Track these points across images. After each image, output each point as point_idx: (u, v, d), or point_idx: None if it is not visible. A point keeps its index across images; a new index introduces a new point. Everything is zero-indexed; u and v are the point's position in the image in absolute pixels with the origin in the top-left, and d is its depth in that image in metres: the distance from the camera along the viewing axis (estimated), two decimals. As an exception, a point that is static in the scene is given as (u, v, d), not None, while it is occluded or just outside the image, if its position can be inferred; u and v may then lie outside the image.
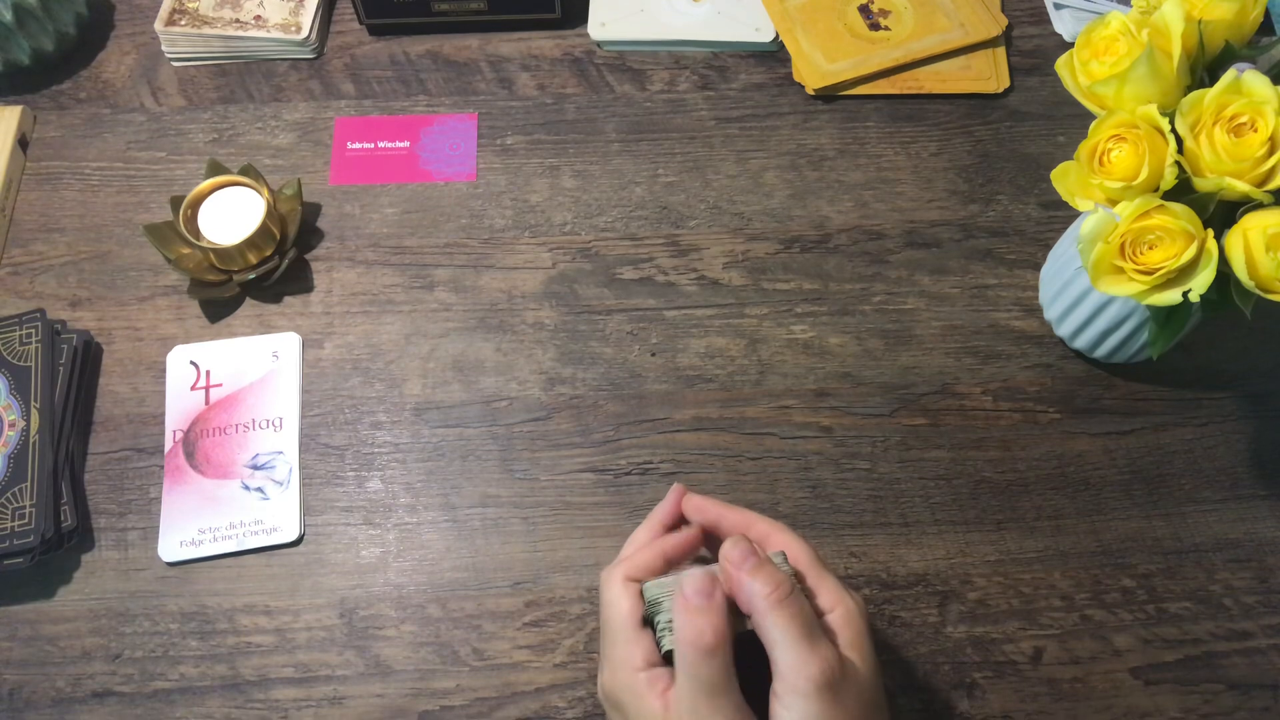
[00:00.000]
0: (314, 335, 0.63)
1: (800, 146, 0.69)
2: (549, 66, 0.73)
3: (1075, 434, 0.59)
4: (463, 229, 0.66)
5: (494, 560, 0.56)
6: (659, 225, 0.66)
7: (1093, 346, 0.59)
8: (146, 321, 0.64)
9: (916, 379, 0.61)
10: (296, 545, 0.57)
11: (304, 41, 0.72)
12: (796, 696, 0.38)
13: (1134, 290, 0.45)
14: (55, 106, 0.71)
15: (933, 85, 0.71)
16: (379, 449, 0.60)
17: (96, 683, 0.53)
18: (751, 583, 0.40)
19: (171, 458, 0.59)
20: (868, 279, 0.64)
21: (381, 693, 0.53)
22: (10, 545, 0.54)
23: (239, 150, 0.69)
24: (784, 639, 0.38)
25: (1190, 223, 0.44)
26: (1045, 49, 0.73)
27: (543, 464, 0.59)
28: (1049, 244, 0.65)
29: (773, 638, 0.39)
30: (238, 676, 0.53)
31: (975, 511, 0.57)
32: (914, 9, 0.73)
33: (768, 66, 0.72)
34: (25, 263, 0.65)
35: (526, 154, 0.69)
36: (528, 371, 0.62)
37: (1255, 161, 0.42)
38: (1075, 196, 0.48)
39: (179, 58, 0.73)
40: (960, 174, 0.68)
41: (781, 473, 0.58)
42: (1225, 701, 0.52)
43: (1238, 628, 0.54)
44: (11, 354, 0.60)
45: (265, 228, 0.62)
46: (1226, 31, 0.46)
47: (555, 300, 0.64)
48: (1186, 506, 0.57)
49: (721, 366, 0.61)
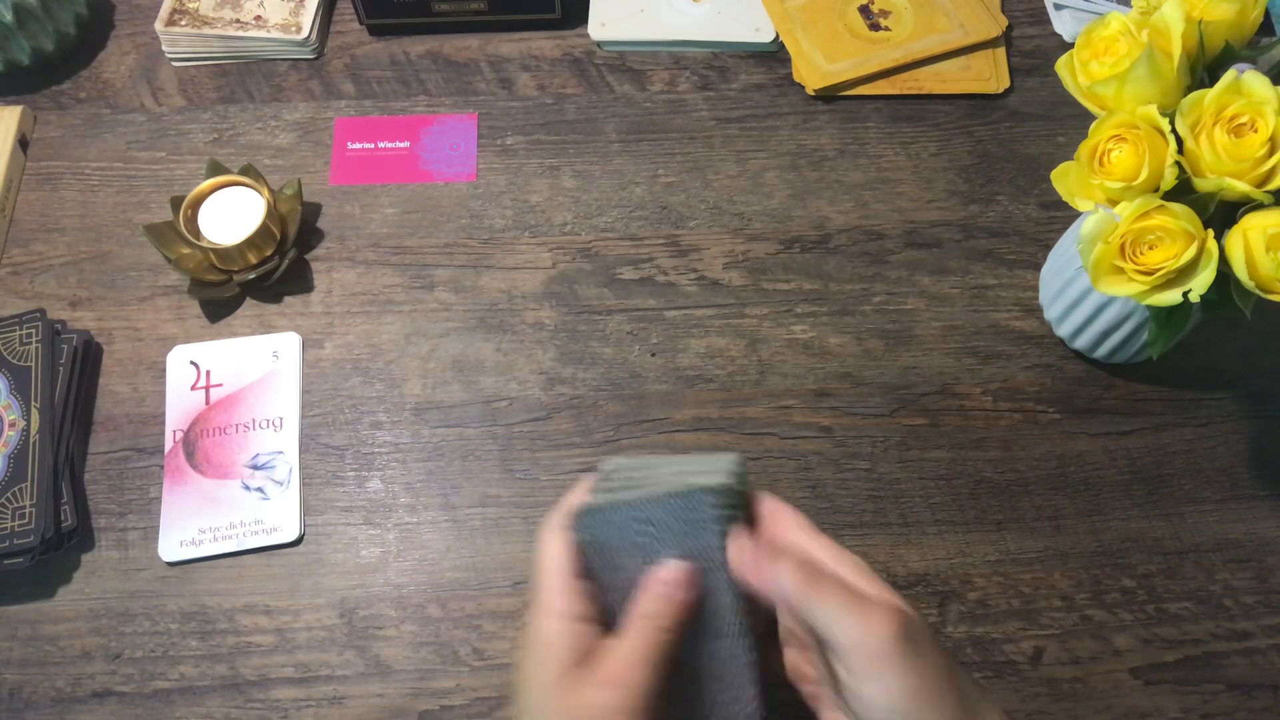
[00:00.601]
0: (314, 335, 0.63)
1: (800, 147, 0.69)
2: (549, 67, 0.73)
3: (1075, 434, 0.59)
4: (463, 229, 0.66)
5: (494, 560, 0.56)
6: (659, 225, 0.66)
7: (1093, 346, 0.59)
8: (146, 321, 0.64)
9: (916, 379, 0.61)
10: (296, 545, 0.57)
11: (304, 41, 0.72)
12: (874, 662, 0.32)
13: (1134, 290, 0.45)
14: (55, 106, 0.71)
15: (933, 85, 0.71)
16: (379, 449, 0.60)
17: (96, 683, 0.53)
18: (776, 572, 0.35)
19: (171, 458, 0.59)
20: (868, 279, 0.64)
21: (381, 693, 0.53)
22: (10, 545, 0.54)
23: (239, 150, 0.69)
24: (836, 607, 0.33)
25: (1190, 223, 0.44)
26: (1045, 49, 0.73)
27: (543, 464, 0.59)
28: (1049, 244, 0.65)
29: (822, 615, 0.33)
30: (238, 676, 0.53)
31: (975, 511, 0.57)
32: (914, 9, 0.73)
33: (768, 67, 0.72)
34: (25, 263, 0.66)
35: (526, 154, 0.69)
36: (528, 371, 0.62)
37: (1255, 162, 0.42)
38: (1075, 196, 0.48)
39: (179, 58, 0.73)
40: (960, 174, 0.68)
41: (781, 473, 0.58)
42: (1225, 701, 0.52)
43: (1238, 628, 0.54)
44: (11, 354, 0.60)
45: (265, 228, 0.62)
46: (1226, 32, 0.46)
47: (555, 300, 0.64)
48: (1186, 506, 0.57)
49: (721, 367, 0.61)
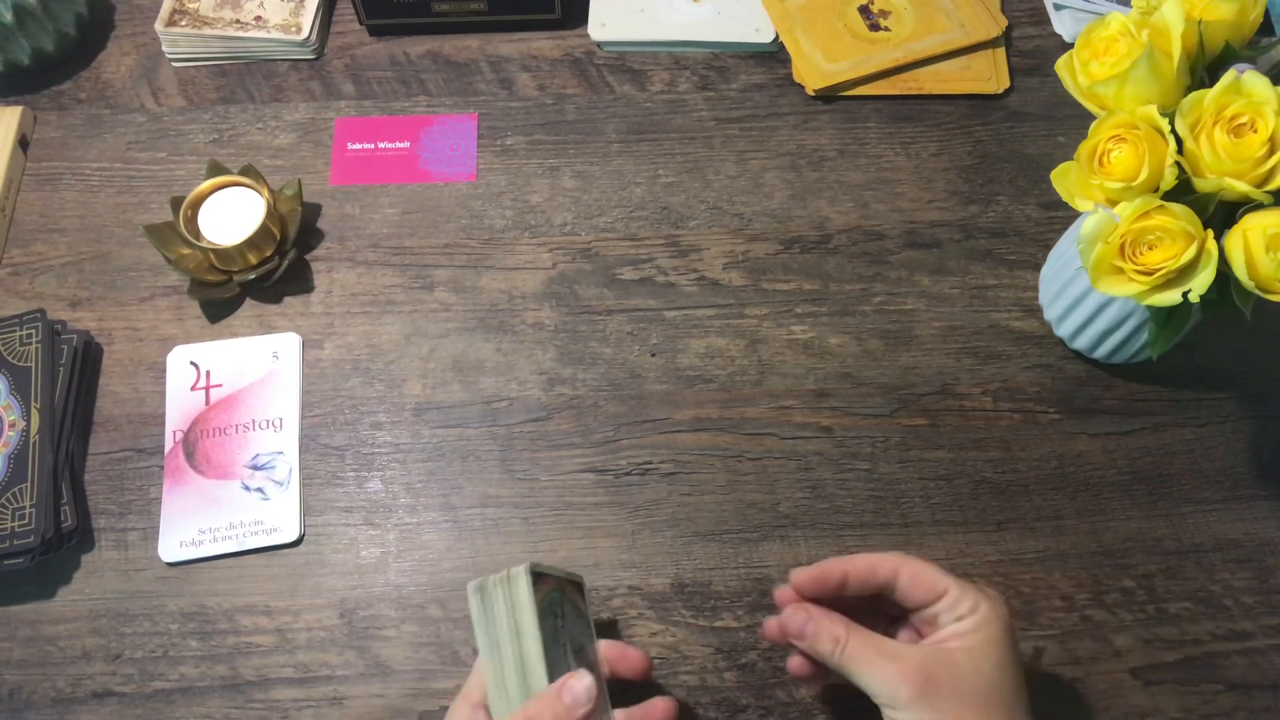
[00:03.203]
0: (314, 335, 0.63)
1: (800, 147, 0.69)
2: (549, 67, 0.73)
3: (1075, 434, 0.59)
4: (463, 229, 0.66)
5: (494, 560, 0.56)
6: (659, 225, 0.66)
7: (1093, 347, 0.59)
8: (146, 322, 0.64)
9: (916, 379, 0.61)
10: (296, 545, 0.57)
11: (304, 42, 0.72)
12: (897, 711, 0.41)
13: (1134, 291, 0.45)
14: (55, 106, 0.71)
15: (933, 86, 0.71)
16: (379, 449, 0.60)
17: (96, 683, 0.53)
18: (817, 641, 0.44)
19: (171, 458, 0.59)
20: (868, 279, 0.64)
21: (381, 693, 0.53)
22: (10, 545, 0.54)
23: (239, 150, 0.69)
24: (866, 668, 0.42)
25: (1190, 223, 0.44)
26: (1045, 49, 0.73)
27: (543, 464, 0.59)
28: (1049, 244, 0.65)
29: (857, 672, 0.43)
30: (238, 677, 0.53)
31: (975, 512, 0.57)
32: (914, 9, 0.73)
33: (768, 67, 0.72)
34: (25, 263, 0.66)
35: (526, 154, 0.69)
36: (528, 372, 0.62)
37: (1255, 162, 0.42)
38: (1075, 197, 0.48)
39: (179, 58, 0.73)
40: (960, 174, 0.68)
41: (781, 473, 0.58)
42: (1225, 701, 0.52)
43: (1238, 628, 0.54)
44: (11, 354, 0.60)
45: (265, 228, 0.62)
46: (1226, 32, 0.46)
47: (555, 300, 0.64)
48: (1186, 506, 0.57)
49: (721, 367, 0.61)
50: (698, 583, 0.55)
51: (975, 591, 0.44)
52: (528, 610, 0.43)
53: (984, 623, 0.43)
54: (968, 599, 0.43)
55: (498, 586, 0.43)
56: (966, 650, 0.42)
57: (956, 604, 0.43)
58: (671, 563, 0.56)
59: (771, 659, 0.53)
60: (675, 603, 0.55)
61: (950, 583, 0.44)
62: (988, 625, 0.43)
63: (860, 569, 0.45)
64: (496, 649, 0.43)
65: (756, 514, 0.57)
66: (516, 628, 0.43)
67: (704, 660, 0.53)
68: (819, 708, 0.52)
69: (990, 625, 0.43)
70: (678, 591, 0.55)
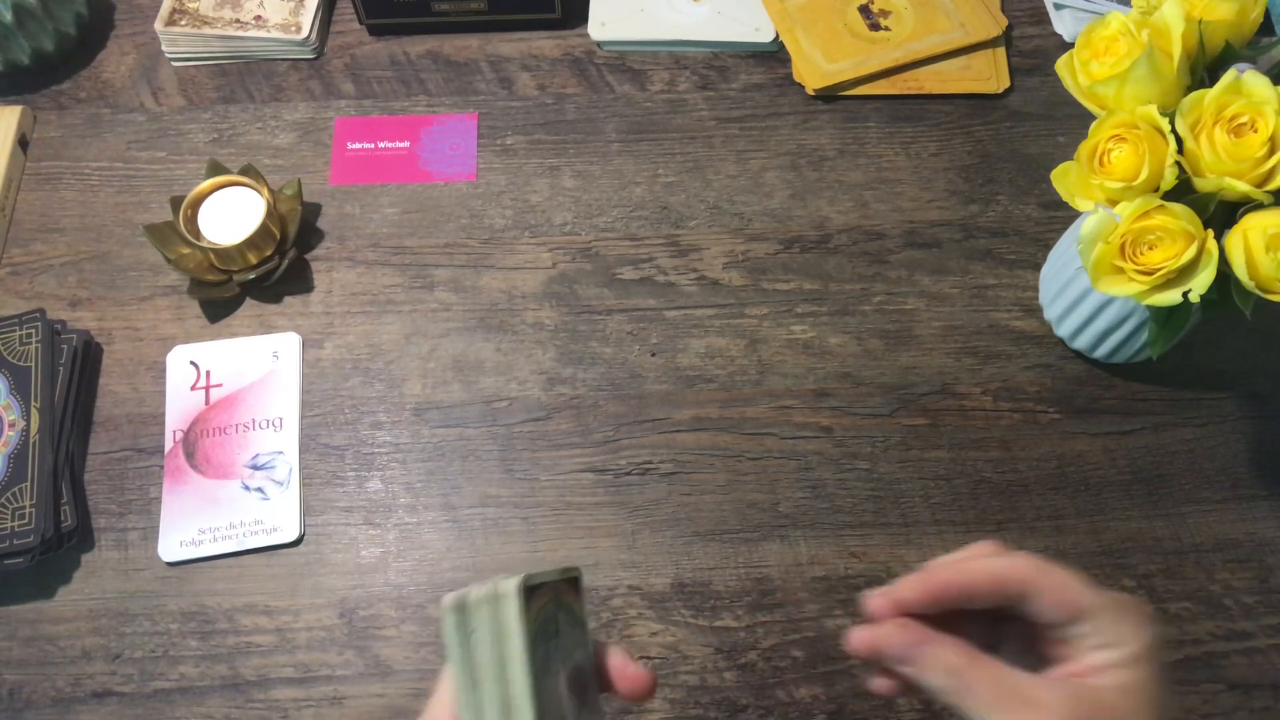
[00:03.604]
0: (314, 335, 0.63)
1: (800, 146, 0.69)
2: (549, 66, 0.73)
3: (1075, 434, 0.59)
4: (463, 229, 0.66)
5: (494, 560, 0.56)
6: (659, 225, 0.66)
7: (1093, 346, 0.59)
8: (146, 321, 0.64)
9: (916, 379, 0.61)
10: (296, 545, 0.57)
11: (304, 41, 0.72)
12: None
13: (1134, 290, 0.45)
14: (55, 106, 0.71)
15: (933, 85, 0.71)
16: (379, 449, 0.60)
17: (96, 683, 0.53)
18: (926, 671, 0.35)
19: (171, 458, 0.59)
20: (868, 279, 0.64)
21: (381, 693, 0.53)
22: (10, 545, 0.54)
23: (239, 150, 0.69)
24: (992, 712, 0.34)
25: (1190, 223, 0.44)
26: (1045, 49, 0.73)
27: (543, 464, 0.59)
28: (1049, 244, 0.65)
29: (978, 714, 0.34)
30: (238, 676, 0.53)
31: (975, 511, 0.57)
32: (914, 9, 0.73)
33: (768, 66, 0.72)
34: (25, 263, 0.65)
35: (526, 154, 0.69)
36: (528, 371, 0.62)
37: (1255, 162, 0.42)
38: (1075, 196, 0.48)
39: (179, 58, 0.73)
40: (960, 174, 0.68)
41: (781, 473, 0.58)
42: (1225, 701, 0.52)
43: (1238, 628, 0.54)
44: (11, 354, 0.60)
45: (265, 228, 0.62)
46: (1226, 32, 0.46)
47: (555, 300, 0.64)
48: (1186, 506, 0.57)
49: (721, 366, 0.61)
50: (697, 582, 0.55)
51: (1125, 609, 0.35)
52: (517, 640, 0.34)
53: (1140, 656, 0.34)
54: (1122, 622, 0.34)
55: (482, 607, 0.34)
56: (1121, 691, 0.34)
57: (1104, 627, 0.34)
58: (671, 562, 0.56)
59: (771, 659, 0.53)
60: (675, 602, 0.55)
61: (1095, 599, 0.35)
62: (1145, 660, 0.34)
63: (983, 582, 0.36)
64: (476, 688, 0.34)
65: (756, 514, 0.57)
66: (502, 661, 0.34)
67: (704, 660, 0.53)
68: (819, 708, 0.52)
69: (1149, 660, 0.34)
70: (677, 591, 0.55)
